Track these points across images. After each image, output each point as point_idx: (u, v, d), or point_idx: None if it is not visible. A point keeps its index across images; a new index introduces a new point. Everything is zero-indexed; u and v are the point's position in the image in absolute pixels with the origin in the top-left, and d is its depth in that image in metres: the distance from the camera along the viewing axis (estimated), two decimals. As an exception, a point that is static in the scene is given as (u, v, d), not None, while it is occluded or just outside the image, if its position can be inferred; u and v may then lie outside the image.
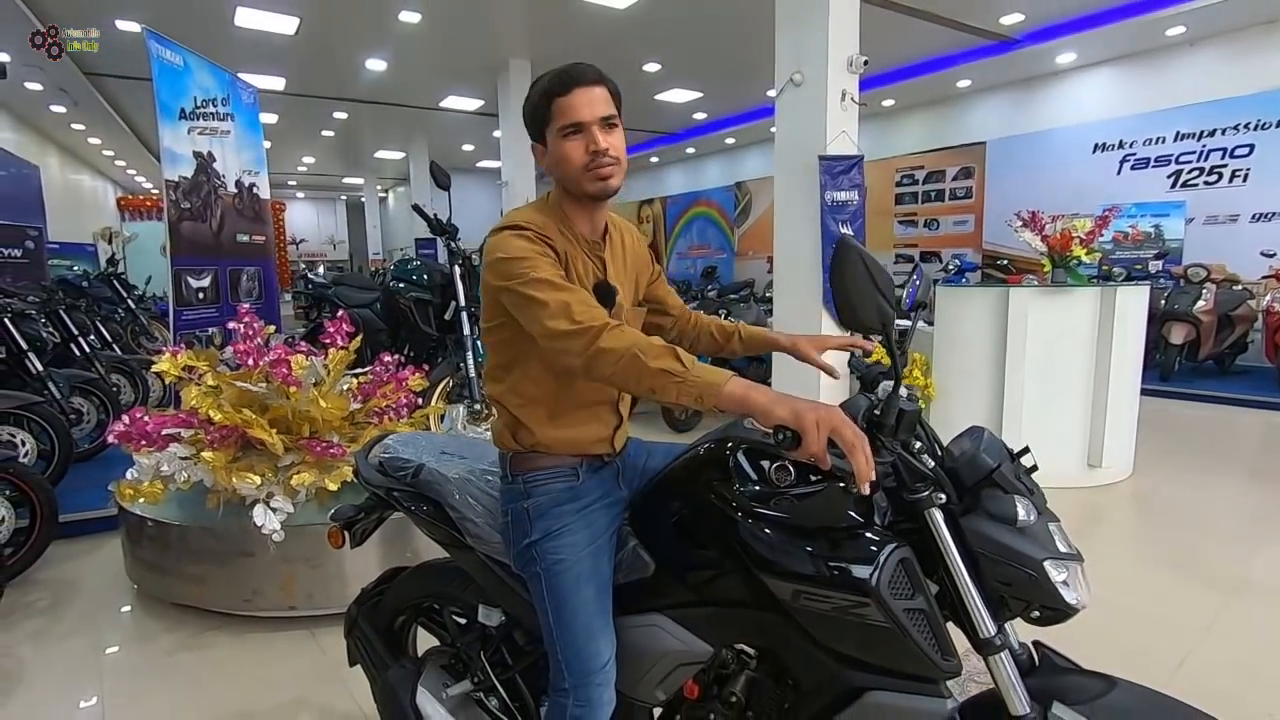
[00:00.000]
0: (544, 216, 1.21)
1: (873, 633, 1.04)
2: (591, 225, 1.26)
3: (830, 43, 4.46)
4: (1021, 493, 1.04)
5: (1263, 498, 3.97)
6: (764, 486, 1.14)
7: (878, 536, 1.06)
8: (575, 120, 1.15)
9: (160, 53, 4.03)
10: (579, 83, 1.15)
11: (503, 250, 1.14)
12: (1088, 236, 4.13)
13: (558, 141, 1.18)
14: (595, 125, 1.16)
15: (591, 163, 1.17)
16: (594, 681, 1.18)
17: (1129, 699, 1.02)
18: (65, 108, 10.73)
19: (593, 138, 1.16)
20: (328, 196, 24.68)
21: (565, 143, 1.17)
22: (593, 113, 1.16)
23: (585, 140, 1.16)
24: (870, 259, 1.03)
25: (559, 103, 1.16)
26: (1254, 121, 7.68)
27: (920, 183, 10.95)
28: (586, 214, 1.25)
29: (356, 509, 1.58)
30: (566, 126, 1.16)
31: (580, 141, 1.16)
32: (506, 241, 1.14)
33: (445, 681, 1.57)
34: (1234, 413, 6.06)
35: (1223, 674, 2.27)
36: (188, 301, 4.26)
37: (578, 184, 1.19)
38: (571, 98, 1.15)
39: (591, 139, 1.16)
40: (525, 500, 1.27)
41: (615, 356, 1.00)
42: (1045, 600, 1.01)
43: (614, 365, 1.01)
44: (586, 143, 1.16)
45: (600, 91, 1.17)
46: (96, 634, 2.66)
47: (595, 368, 1.03)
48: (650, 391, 0.99)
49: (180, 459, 2.61)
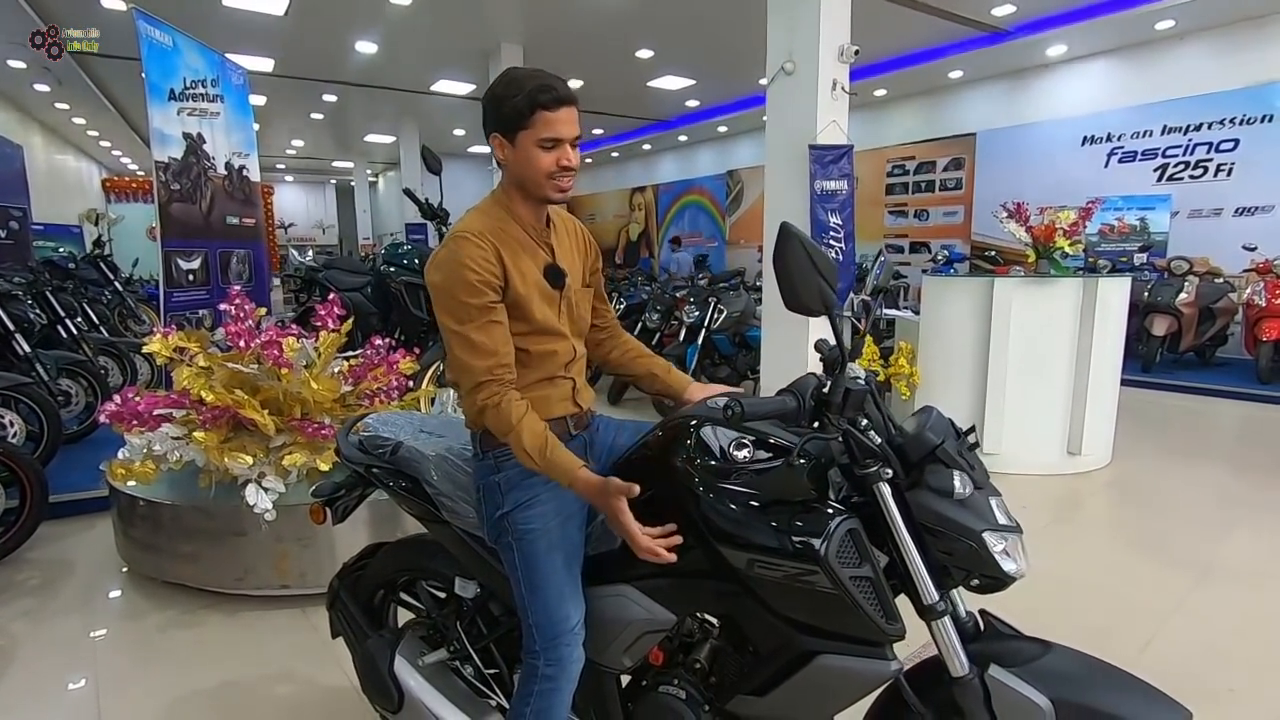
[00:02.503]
0: (489, 219, 1.31)
1: (821, 599, 1.10)
2: (536, 216, 1.36)
3: (821, 32, 4.47)
4: (962, 468, 1.10)
5: (1236, 485, 4.07)
6: (723, 462, 1.20)
7: (828, 509, 1.12)
8: (557, 137, 1.26)
9: (150, 32, 3.99)
10: (564, 102, 1.25)
11: (449, 271, 1.24)
12: (1071, 228, 4.19)
13: (532, 149, 1.26)
14: (569, 143, 1.27)
15: (558, 173, 1.28)
16: (563, 642, 1.25)
17: (1063, 662, 1.09)
18: (49, 86, 10.57)
19: (565, 154, 1.27)
20: (317, 180, 24.41)
21: (540, 152, 1.26)
22: (571, 132, 1.27)
23: (558, 155, 1.27)
24: (811, 244, 1.08)
25: (545, 115, 1.24)
26: (1240, 116, 7.76)
27: (911, 173, 11.00)
28: (534, 208, 1.35)
29: (337, 485, 1.62)
30: (547, 140, 1.26)
31: (554, 155, 1.27)
32: (451, 260, 1.24)
33: (422, 651, 1.63)
34: (1213, 403, 6.18)
35: (1187, 652, 2.35)
36: (178, 283, 4.25)
37: (539, 188, 1.30)
38: (558, 115, 1.25)
39: (564, 154, 1.27)
40: (496, 474, 1.34)
41: (500, 423, 1.24)
42: (985, 569, 1.07)
43: (495, 427, 1.25)
44: (559, 157, 1.27)
45: (575, 112, 1.28)
46: (88, 612, 2.68)
47: (477, 419, 1.28)
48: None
49: (172, 439, 2.63)
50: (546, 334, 1.33)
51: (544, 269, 1.33)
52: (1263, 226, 7.64)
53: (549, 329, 1.33)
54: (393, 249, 5.51)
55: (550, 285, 1.33)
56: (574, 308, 1.40)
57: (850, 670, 1.13)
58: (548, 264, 1.34)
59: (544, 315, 1.32)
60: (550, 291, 1.33)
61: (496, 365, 1.24)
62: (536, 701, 1.26)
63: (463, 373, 1.26)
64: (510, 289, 1.27)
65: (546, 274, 1.32)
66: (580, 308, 1.43)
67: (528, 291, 1.29)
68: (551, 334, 1.34)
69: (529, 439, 1.21)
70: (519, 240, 1.31)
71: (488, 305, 1.24)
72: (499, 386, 1.24)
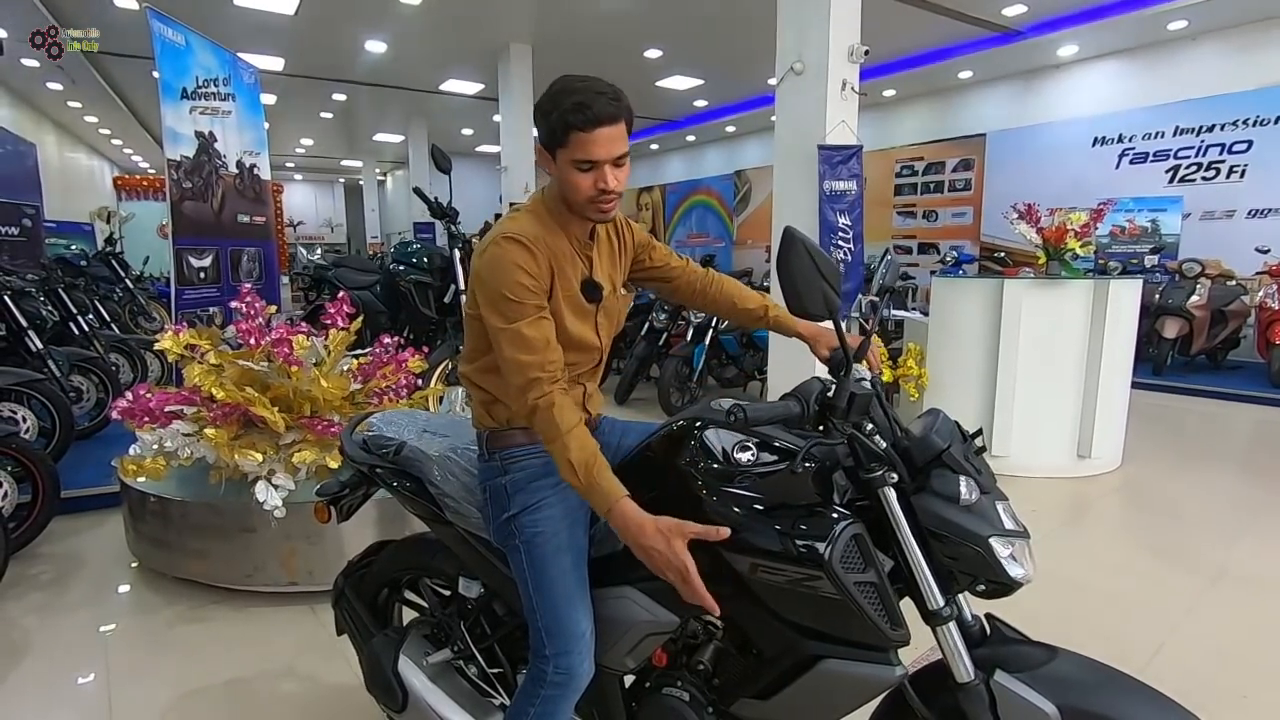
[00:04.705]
0: (539, 225, 1.26)
1: (825, 604, 1.09)
2: (584, 228, 1.32)
3: (831, 32, 4.47)
4: (969, 473, 1.09)
5: (1247, 490, 4.04)
6: (726, 465, 1.20)
7: (832, 514, 1.12)
8: (590, 159, 1.18)
9: (163, 31, 4.03)
10: (600, 122, 1.16)
11: (500, 271, 1.20)
12: (1082, 229, 4.16)
13: (569, 169, 1.20)
14: (608, 164, 1.19)
15: (598, 197, 1.21)
16: (574, 650, 1.24)
17: (1069, 667, 1.07)
18: (62, 85, 10.67)
19: (603, 176, 1.19)
20: (326, 179, 24.54)
21: (576, 173, 1.20)
22: (609, 153, 1.18)
23: (595, 176, 1.20)
24: (814, 248, 1.07)
25: (579, 136, 1.16)
26: (1253, 118, 7.69)
27: (920, 174, 10.95)
28: (579, 222, 1.30)
29: (341, 484, 1.63)
30: (582, 162, 1.18)
31: (591, 176, 1.20)
32: (504, 259, 1.20)
33: (426, 650, 1.63)
34: (1225, 407, 6.13)
35: (1199, 657, 2.33)
36: (189, 281, 4.28)
37: (580, 210, 1.25)
38: (593, 136, 1.16)
39: (601, 177, 1.19)
40: (503, 476, 1.33)
41: (549, 427, 1.17)
42: (990, 575, 1.06)
43: (543, 429, 1.19)
44: (596, 179, 1.20)
45: (618, 129, 1.18)
46: (99, 606, 2.70)
47: (529, 419, 1.21)
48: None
49: (183, 435, 2.64)
50: (573, 347, 1.31)
51: (581, 283, 1.30)
52: (1276, 229, 7.58)
53: (579, 343, 1.32)
54: (402, 248, 5.53)
55: (586, 300, 1.30)
56: (611, 316, 1.39)
57: (854, 675, 1.12)
58: (585, 278, 1.31)
59: (576, 328, 1.30)
60: (586, 306, 1.31)
61: (547, 361, 1.19)
62: (541, 705, 1.25)
63: (513, 370, 1.20)
64: (552, 298, 1.25)
65: (583, 288, 1.30)
66: (619, 313, 1.42)
67: (564, 304, 1.27)
68: (578, 347, 1.33)
69: (576, 452, 1.15)
70: (563, 251, 1.28)
71: (539, 305, 1.21)
72: (550, 385, 1.19)
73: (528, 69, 9.30)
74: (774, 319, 1.55)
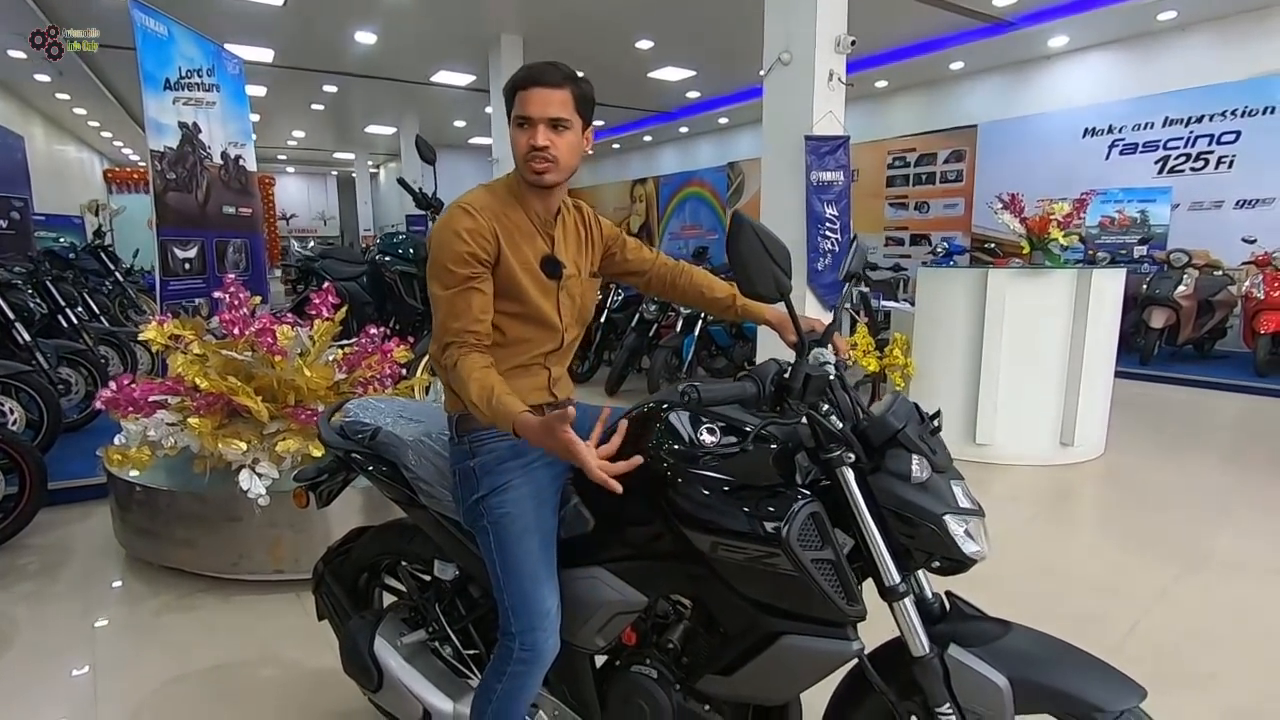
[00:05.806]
0: (494, 198, 1.33)
1: (783, 581, 1.12)
2: (544, 205, 1.36)
3: (819, 22, 4.46)
4: (923, 452, 1.11)
5: (1228, 477, 4.08)
6: (690, 447, 1.22)
7: (791, 493, 1.14)
8: (524, 114, 1.27)
9: (144, 22, 4.01)
10: (539, 82, 1.25)
11: (443, 240, 1.27)
12: (1065, 219, 4.19)
13: (512, 128, 1.30)
14: (541, 124, 1.26)
15: (530, 154, 1.27)
16: (539, 627, 1.27)
17: (1022, 641, 1.11)
18: (50, 77, 10.58)
19: (535, 134, 1.26)
20: (319, 172, 24.42)
21: (515, 131, 1.29)
22: (542, 112, 1.26)
23: (529, 134, 1.27)
24: (764, 231, 1.09)
25: (520, 94, 1.27)
26: (1242, 108, 7.72)
27: (912, 165, 10.97)
28: (539, 195, 1.35)
29: (319, 470, 1.65)
30: (519, 118, 1.28)
31: (525, 134, 1.27)
32: (447, 228, 1.27)
33: (402, 631, 1.66)
34: (1210, 396, 6.18)
35: (1171, 637, 2.37)
36: (174, 272, 4.28)
37: (520, 170, 1.32)
38: (529, 94, 1.26)
39: (533, 134, 1.26)
40: (471, 459, 1.35)
41: (458, 382, 1.23)
42: (946, 551, 1.09)
43: (457, 387, 1.25)
44: (529, 135, 1.27)
45: (559, 95, 1.26)
46: (87, 596, 2.72)
47: (445, 379, 1.30)
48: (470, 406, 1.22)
49: (167, 425, 2.66)
50: (534, 321, 1.34)
51: (541, 259, 1.34)
52: (1263, 219, 7.62)
53: (539, 318, 1.35)
54: (388, 239, 5.53)
55: (546, 276, 1.34)
56: (575, 298, 1.42)
57: (813, 650, 1.15)
58: (545, 254, 1.34)
59: (538, 302, 1.33)
60: (547, 282, 1.34)
61: (466, 330, 1.25)
62: (508, 682, 1.28)
63: (437, 334, 1.28)
64: (502, 268, 1.29)
65: (543, 264, 1.33)
66: (584, 298, 1.45)
67: (523, 276, 1.31)
68: (540, 323, 1.35)
69: (476, 391, 1.19)
70: (519, 225, 1.32)
71: (471, 275, 1.25)
72: (464, 349, 1.25)
73: (519, 60, 9.26)
74: (742, 307, 1.58)
